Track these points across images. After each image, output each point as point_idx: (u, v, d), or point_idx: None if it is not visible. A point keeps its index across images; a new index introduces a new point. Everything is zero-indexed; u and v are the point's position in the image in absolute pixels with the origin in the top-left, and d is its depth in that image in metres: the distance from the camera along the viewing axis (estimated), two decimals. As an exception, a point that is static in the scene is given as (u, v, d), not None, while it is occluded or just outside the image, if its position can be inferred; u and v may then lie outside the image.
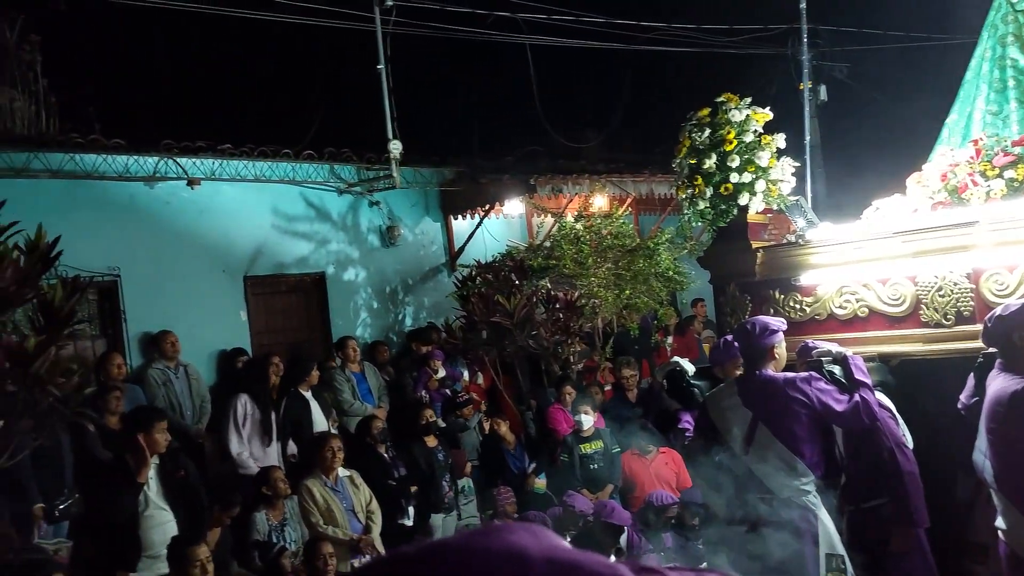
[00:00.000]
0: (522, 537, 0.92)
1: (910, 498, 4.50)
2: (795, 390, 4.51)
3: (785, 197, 5.69)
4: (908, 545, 4.53)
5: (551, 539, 0.92)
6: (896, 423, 4.66)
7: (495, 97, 12.38)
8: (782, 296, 5.45)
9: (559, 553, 0.90)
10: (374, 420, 7.71)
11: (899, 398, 4.79)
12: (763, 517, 4.47)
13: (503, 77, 12.39)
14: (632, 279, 10.56)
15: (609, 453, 8.17)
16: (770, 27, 11.91)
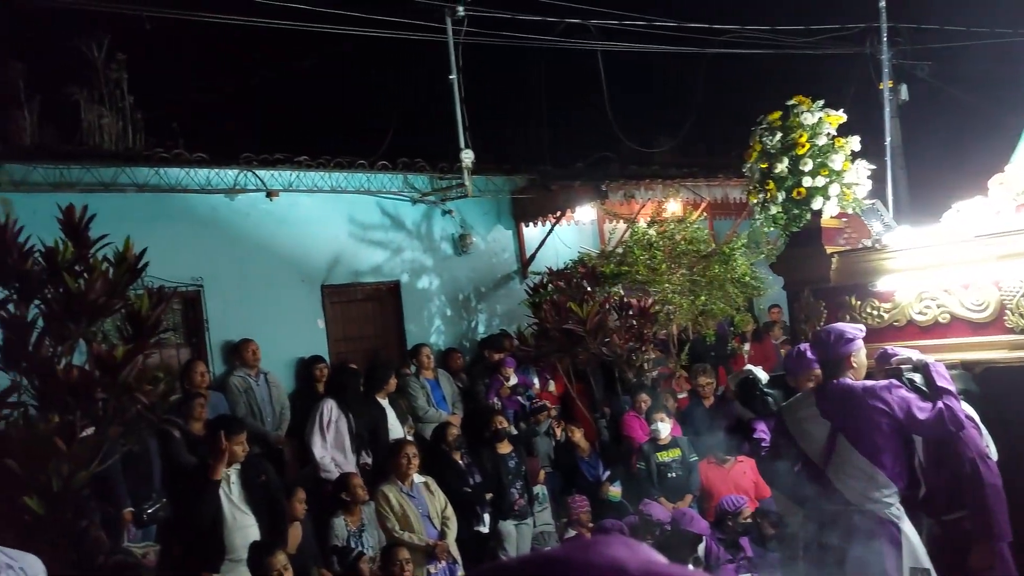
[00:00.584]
0: (620, 551, 0.94)
1: (992, 511, 4.34)
2: (875, 398, 4.38)
3: (860, 201, 5.56)
4: (989, 560, 4.36)
5: (647, 552, 0.95)
6: (979, 433, 4.50)
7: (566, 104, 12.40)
8: (859, 302, 5.32)
9: (656, 567, 0.92)
10: (449, 427, 7.78)
11: (983, 407, 4.63)
12: (843, 530, 4.37)
13: (574, 84, 12.41)
14: (707, 285, 10.43)
15: (687, 462, 8.09)
16: (848, 26, 11.63)
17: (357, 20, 9.83)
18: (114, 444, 5.31)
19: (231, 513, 5.93)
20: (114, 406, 5.02)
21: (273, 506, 6.12)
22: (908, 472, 4.49)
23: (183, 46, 10.06)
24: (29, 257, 5.08)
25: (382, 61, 11.98)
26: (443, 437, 7.60)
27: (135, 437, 5.41)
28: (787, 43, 11.97)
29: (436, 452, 7.59)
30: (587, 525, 7.91)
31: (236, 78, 11.74)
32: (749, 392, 5.23)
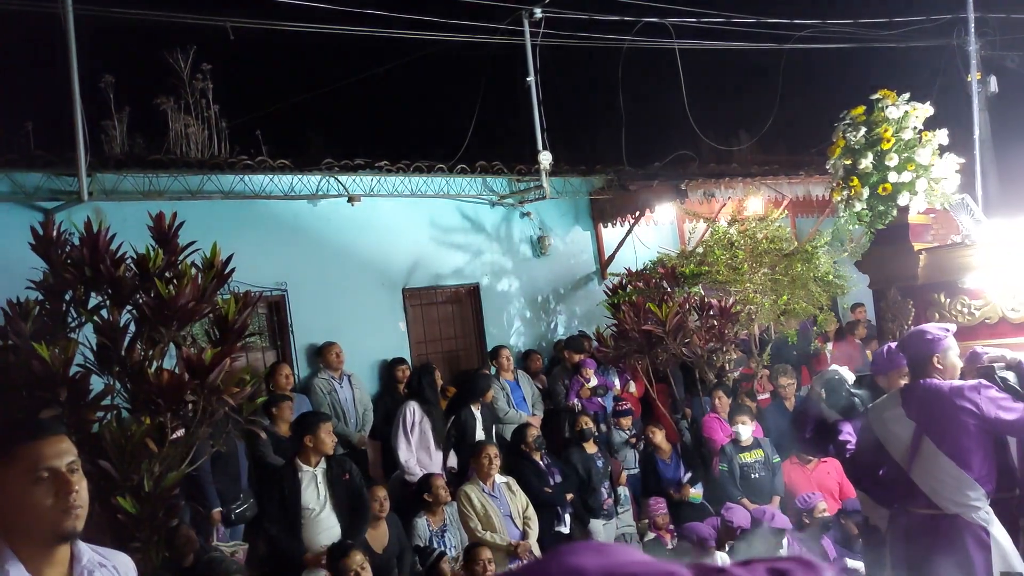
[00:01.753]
0: (583, 557, 0.97)
1: None
2: (962, 399, 4.25)
3: (949, 196, 5.38)
4: None
5: (620, 555, 0.96)
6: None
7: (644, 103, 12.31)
8: (948, 300, 5.16)
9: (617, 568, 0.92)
10: (529, 428, 7.83)
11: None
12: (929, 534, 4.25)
13: (652, 83, 12.33)
14: (790, 284, 10.24)
15: (770, 462, 7.99)
16: (933, 18, 11.25)
17: (435, 25, 9.97)
18: (203, 445, 5.50)
19: (316, 512, 6.08)
20: (203, 408, 5.19)
21: (355, 505, 6.24)
22: (1001, 473, 4.33)
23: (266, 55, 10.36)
24: (121, 264, 5.30)
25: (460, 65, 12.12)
26: (523, 438, 7.65)
27: (223, 438, 5.58)
28: (870, 36, 11.65)
29: (517, 453, 7.64)
30: (665, 527, 7.86)
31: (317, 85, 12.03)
32: (835, 393, 5.11)
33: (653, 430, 8.59)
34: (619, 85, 11.16)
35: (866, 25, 11.54)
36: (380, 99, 12.49)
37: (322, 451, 6.18)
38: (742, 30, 11.09)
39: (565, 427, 8.90)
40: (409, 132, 11.69)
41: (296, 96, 11.81)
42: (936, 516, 4.27)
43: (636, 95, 11.99)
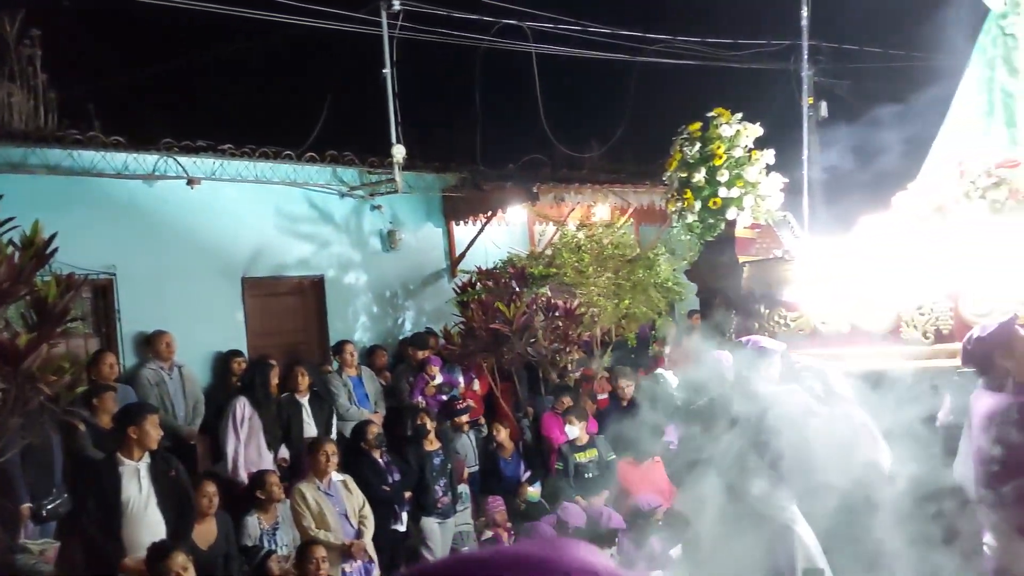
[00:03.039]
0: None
1: None
2: (775, 401, 4.54)
3: (773, 212, 5.71)
4: None
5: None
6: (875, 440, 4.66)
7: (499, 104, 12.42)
8: (767, 311, 5.48)
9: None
10: (370, 425, 7.74)
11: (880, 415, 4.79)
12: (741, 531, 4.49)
13: (508, 85, 12.46)
14: (631, 289, 10.61)
15: (604, 461, 8.21)
16: (773, 43, 11.93)
17: (290, 8, 9.70)
18: (14, 436, 5.15)
19: (138, 509, 5.80)
20: (15, 396, 4.87)
21: (181, 503, 6.00)
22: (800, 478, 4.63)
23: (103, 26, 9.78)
24: (-73, 238, 4.90)
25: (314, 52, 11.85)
26: (363, 435, 7.56)
27: (37, 429, 5.25)
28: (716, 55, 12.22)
29: (356, 450, 7.55)
30: (503, 526, 7.96)
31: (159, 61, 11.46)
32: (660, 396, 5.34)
33: (499, 428, 8.68)
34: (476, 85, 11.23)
35: (713, 45, 12.10)
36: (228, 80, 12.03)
37: (146, 445, 5.89)
38: (598, 39, 11.38)
39: (408, 425, 8.86)
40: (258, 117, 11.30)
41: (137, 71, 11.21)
42: (749, 516, 4.52)
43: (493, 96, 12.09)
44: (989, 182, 5.02)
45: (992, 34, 6.07)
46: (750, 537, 4.48)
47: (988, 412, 4.03)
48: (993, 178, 5.04)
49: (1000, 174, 5.09)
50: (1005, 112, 5.87)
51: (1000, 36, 6.02)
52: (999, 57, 5.98)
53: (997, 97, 5.93)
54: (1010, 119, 5.83)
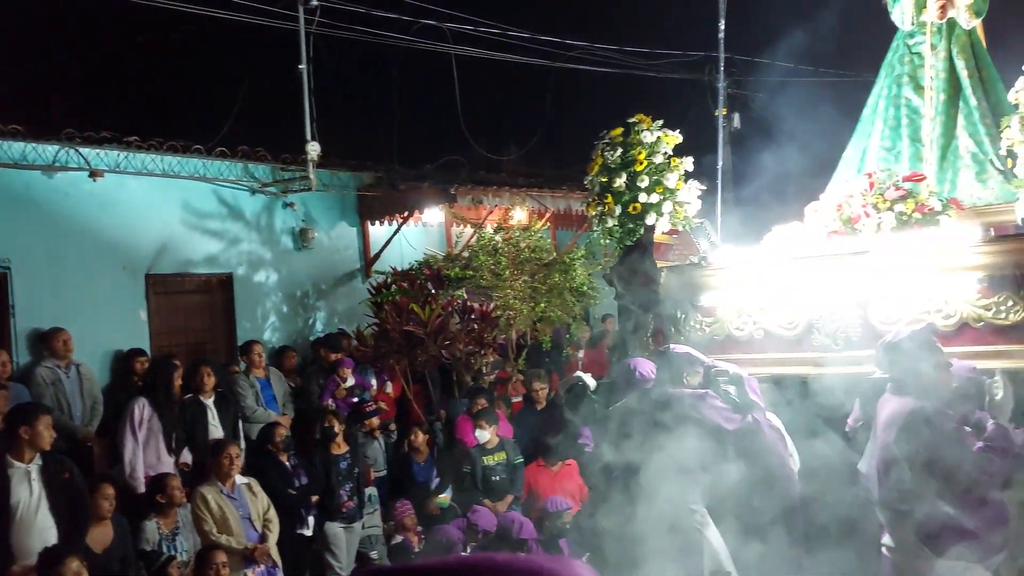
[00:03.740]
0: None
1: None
2: (690, 406, 4.59)
3: (691, 219, 5.78)
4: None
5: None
6: (784, 444, 4.76)
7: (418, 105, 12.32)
8: (683, 316, 5.54)
9: None
10: (277, 427, 7.55)
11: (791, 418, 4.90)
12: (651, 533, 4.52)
13: (427, 85, 12.36)
14: (547, 292, 10.64)
15: (511, 464, 8.18)
16: (689, 53, 12.18)
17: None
18: None
19: (28, 513, 5.50)
20: None
21: (75, 507, 5.71)
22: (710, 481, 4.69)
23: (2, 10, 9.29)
24: None
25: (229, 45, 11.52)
26: (270, 438, 7.36)
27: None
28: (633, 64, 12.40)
29: (262, 453, 7.34)
30: (412, 530, 7.86)
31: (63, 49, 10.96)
32: (578, 398, 5.34)
33: (417, 432, 8.57)
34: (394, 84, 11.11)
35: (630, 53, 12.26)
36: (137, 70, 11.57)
37: (39, 446, 5.59)
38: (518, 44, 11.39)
39: (317, 428, 8.67)
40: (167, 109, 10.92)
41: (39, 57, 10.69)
42: (658, 519, 4.55)
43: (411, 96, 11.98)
44: (896, 195, 5.19)
45: (900, 52, 6.30)
46: (660, 540, 4.51)
47: (892, 415, 4.14)
48: (900, 191, 5.21)
49: (907, 187, 5.27)
50: (911, 128, 6.10)
51: (907, 54, 6.26)
52: (906, 75, 6.21)
53: (903, 113, 6.15)
54: (915, 134, 6.06)
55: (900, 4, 6.27)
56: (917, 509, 4.04)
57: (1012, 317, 4.58)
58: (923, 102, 6.08)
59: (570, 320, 10.94)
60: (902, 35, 6.33)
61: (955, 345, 4.59)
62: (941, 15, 6.09)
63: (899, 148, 6.09)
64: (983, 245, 4.70)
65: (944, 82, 6.08)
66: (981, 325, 4.65)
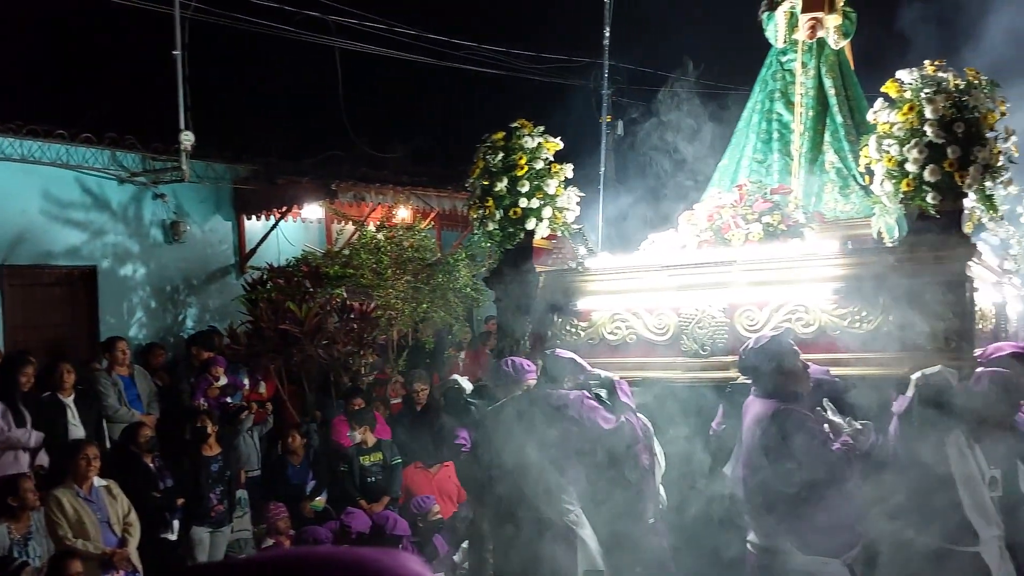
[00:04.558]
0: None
1: None
2: (570, 409, 4.63)
3: (569, 225, 5.84)
4: None
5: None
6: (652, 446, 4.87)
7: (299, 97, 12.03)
8: (560, 320, 5.59)
9: None
10: (141, 428, 7.25)
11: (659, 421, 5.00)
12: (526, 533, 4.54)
13: (309, 78, 12.08)
14: (430, 293, 10.58)
15: (388, 465, 8.11)
16: (575, 59, 12.33)
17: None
18: None
19: None
20: None
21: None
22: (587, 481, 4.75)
23: None
24: None
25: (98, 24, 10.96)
26: (134, 438, 7.06)
27: None
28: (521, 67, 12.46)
29: (125, 454, 7.03)
30: (287, 533, 7.67)
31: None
32: (454, 400, 5.32)
33: (294, 435, 8.37)
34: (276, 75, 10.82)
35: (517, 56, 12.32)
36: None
37: None
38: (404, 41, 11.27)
39: (186, 428, 8.34)
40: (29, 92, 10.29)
41: None
42: (534, 520, 4.57)
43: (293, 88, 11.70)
44: (764, 207, 5.38)
45: (773, 68, 6.55)
46: (535, 539, 4.53)
47: (756, 418, 4.29)
48: (767, 203, 5.41)
49: (775, 199, 5.48)
50: (781, 142, 6.34)
51: (780, 71, 6.51)
52: (778, 90, 6.46)
53: (775, 127, 6.39)
54: (785, 148, 6.30)
55: (774, 22, 6.51)
56: (779, 508, 4.19)
57: (865, 326, 4.82)
58: (793, 117, 6.33)
59: (453, 321, 10.91)
60: (775, 52, 6.58)
61: (813, 351, 4.80)
62: (811, 35, 6.36)
63: (770, 161, 6.33)
64: (841, 257, 4.92)
65: (813, 99, 6.35)
66: (837, 333, 4.87)
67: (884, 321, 4.78)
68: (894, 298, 4.73)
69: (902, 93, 4.74)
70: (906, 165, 4.64)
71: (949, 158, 4.54)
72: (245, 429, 8.35)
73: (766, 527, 4.27)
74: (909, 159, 4.62)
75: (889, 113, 4.76)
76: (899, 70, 4.78)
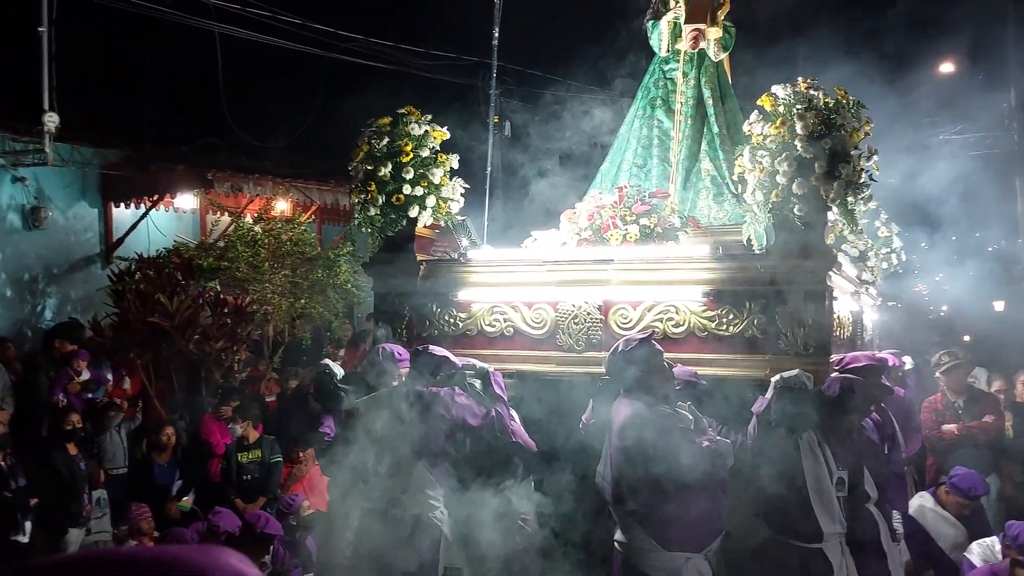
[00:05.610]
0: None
1: None
2: (440, 404, 4.59)
3: (453, 216, 5.82)
4: None
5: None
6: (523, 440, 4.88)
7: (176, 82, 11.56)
8: (439, 310, 5.57)
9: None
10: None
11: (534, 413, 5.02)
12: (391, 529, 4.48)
13: (188, 62, 11.63)
14: (309, 288, 10.36)
15: (267, 463, 7.90)
16: (464, 57, 12.33)
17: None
18: None
19: None
20: None
21: None
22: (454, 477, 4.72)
23: None
24: None
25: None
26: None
27: None
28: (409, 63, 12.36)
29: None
30: (150, 534, 7.33)
31: None
32: (324, 386, 5.19)
33: (168, 432, 8.02)
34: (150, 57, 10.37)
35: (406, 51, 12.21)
36: None
37: None
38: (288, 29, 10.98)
39: (45, 425, 7.89)
40: None
41: None
42: (398, 515, 4.52)
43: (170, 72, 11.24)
44: (642, 209, 5.50)
45: (655, 76, 6.71)
46: (397, 533, 4.48)
47: (623, 417, 4.36)
48: (645, 206, 5.53)
49: (652, 203, 5.61)
50: (660, 148, 6.50)
51: (662, 79, 6.68)
52: (659, 97, 6.62)
53: (655, 133, 6.55)
54: (664, 155, 6.47)
55: (658, 31, 6.68)
56: (643, 505, 4.27)
57: (732, 329, 4.99)
58: (673, 125, 6.50)
59: (332, 318, 10.71)
60: (658, 60, 6.74)
61: (682, 351, 4.94)
62: (693, 45, 6.55)
63: (649, 166, 6.48)
64: (711, 262, 5.08)
65: (692, 108, 6.54)
66: (705, 334, 5.03)
67: (749, 325, 4.95)
68: (759, 303, 4.91)
69: (776, 107, 4.93)
70: (777, 177, 4.82)
71: (816, 172, 4.74)
72: (113, 426, 7.97)
73: (632, 526, 4.35)
74: (779, 171, 4.80)
75: (763, 126, 4.94)
76: (774, 85, 4.97)
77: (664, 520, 4.25)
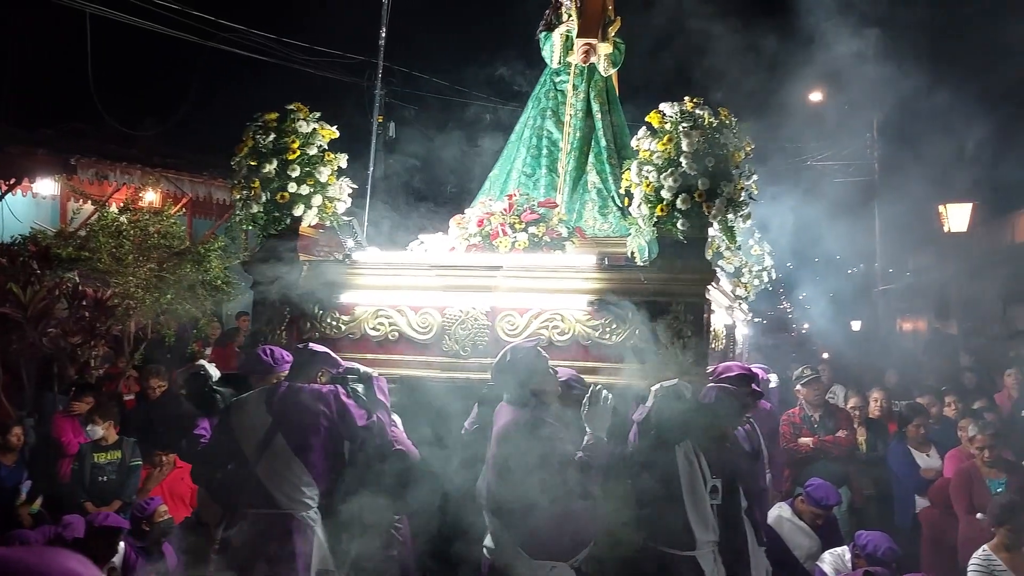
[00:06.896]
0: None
1: None
2: (319, 402, 4.50)
3: (339, 216, 5.72)
4: None
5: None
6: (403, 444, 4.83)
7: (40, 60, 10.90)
8: (321, 311, 5.45)
9: None
10: None
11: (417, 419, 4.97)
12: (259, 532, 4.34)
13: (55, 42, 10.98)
14: (176, 283, 9.92)
15: (126, 465, 7.51)
16: (349, 55, 12.16)
17: None
18: None
19: None
20: None
21: None
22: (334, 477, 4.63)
23: None
24: None
25: None
26: None
27: None
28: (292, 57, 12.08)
29: None
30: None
31: None
32: (198, 387, 4.99)
33: (17, 431, 7.48)
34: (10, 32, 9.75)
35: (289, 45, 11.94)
36: None
37: None
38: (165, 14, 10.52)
39: None
40: None
41: None
42: (271, 515, 4.39)
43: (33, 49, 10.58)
44: (531, 218, 5.56)
45: (547, 87, 6.81)
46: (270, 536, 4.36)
47: (504, 425, 4.38)
48: (534, 215, 5.59)
49: (540, 212, 5.68)
50: (549, 158, 6.60)
51: (553, 90, 6.79)
52: (550, 108, 6.73)
53: (544, 144, 6.64)
54: (552, 165, 6.56)
55: (551, 43, 6.79)
56: (513, 513, 4.28)
57: (614, 338, 5.10)
58: (562, 136, 6.60)
59: (200, 315, 10.29)
60: (550, 72, 6.85)
61: (567, 358, 5.01)
62: (584, 59, 6.68)
63: (538, 175, 6.56)
64: (596, 272, 5.18)
65: (581, 120, 6.66)
66: (589, 343, 5.12)
67: (631, 334, 5.07)
68: (641, 314, 5.04)
69: (663, 124, 5.08)
70: (661, 192, 4.97)
71: (699, 189, 4.92)
72: None
73: (503, 533, 4.37)
74: (664, 186, 4.95)
75: (650, 142, 5.09)
76: (662, 102, 5.12)
77: (531, 528, 4.28)
